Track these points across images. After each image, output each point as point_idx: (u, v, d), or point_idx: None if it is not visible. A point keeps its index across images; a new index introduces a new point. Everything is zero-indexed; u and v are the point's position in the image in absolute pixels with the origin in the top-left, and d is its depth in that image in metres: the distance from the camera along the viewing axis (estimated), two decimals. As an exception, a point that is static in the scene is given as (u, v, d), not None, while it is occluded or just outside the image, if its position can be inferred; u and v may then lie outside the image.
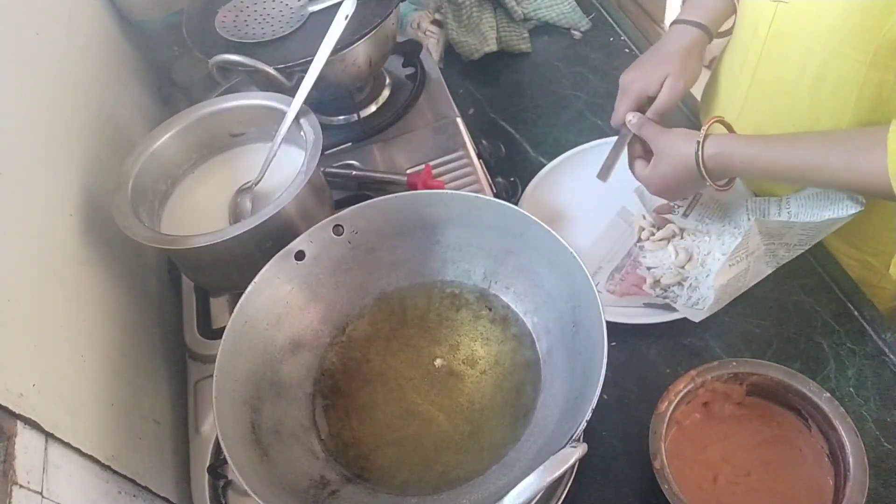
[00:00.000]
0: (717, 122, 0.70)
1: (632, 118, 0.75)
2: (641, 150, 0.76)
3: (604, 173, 0.78)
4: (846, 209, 0.68)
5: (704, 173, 0.67)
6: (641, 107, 0.76)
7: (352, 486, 0.59)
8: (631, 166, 0.76)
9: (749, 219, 0.74)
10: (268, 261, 0.64)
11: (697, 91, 0.99)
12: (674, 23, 0.82)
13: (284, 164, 0.76)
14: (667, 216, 0.80)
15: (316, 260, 0.67)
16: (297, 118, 0.74)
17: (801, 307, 0.73)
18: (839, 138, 0.64)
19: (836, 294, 0.73)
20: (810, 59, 0.67)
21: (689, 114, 0.95)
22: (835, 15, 0.63)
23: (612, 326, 0.55)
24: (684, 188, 0.73)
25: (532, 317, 0.66)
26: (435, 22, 1.10)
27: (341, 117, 0.97)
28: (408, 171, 0.87)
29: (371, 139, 0.94)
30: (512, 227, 0.65)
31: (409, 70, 1.01)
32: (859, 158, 0.60)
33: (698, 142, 0.67)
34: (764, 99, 0.76)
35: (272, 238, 0.67)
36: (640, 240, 0.81)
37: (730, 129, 0.72)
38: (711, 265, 0.74)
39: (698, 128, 0.69)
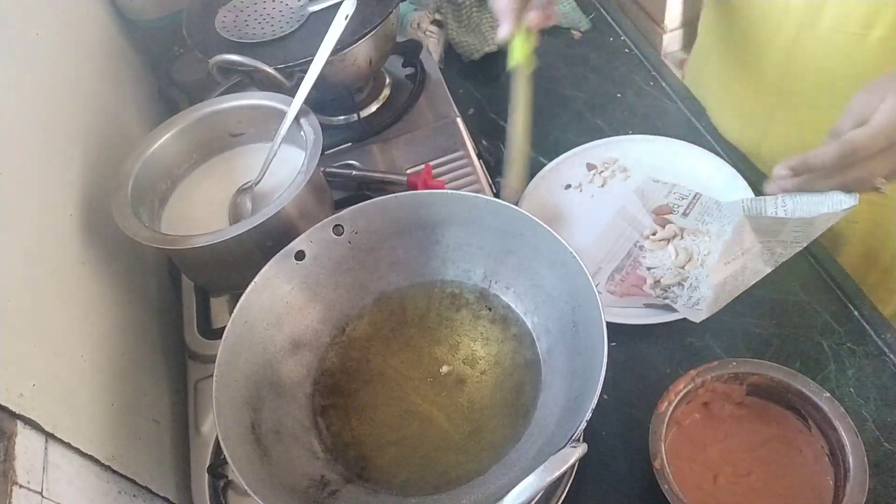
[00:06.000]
0: None
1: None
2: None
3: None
4: (840, 204, 0.68)
5: None
6: None
7: (352, 486, 0.59)
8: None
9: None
10: (268, 261, 0.64)
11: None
12: None
13: (284, 164, 0.76)
14: (667, 216, 0.80)
15: (316, 260, 0.67)
16: (297, 118, 0.74)
17: (801, 307, 0.73)
18: None
19: (836, 294, 0.73)
20: (885, 9, 0.63)
21: (688, 113, 0.95)
22: None
23: (612, 326, 0.55)
24: None
25: (532, 317, 0.66)
26: (435, 22, 1.10)
27: (341, 117, 0.97)
28: (408, 171, 0.87)
29: (371, 139, 0.94)
30: (512, 227, 0.65)
31: (409, 70, 1.01)
32: None
33: None
34: (809, 75, 0.70)
35: (272, 238, 0.67)
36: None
37: None
38: (711, 265, 0.74)
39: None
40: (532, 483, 0.47)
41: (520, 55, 0.69)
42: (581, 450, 0.48)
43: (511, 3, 0.66)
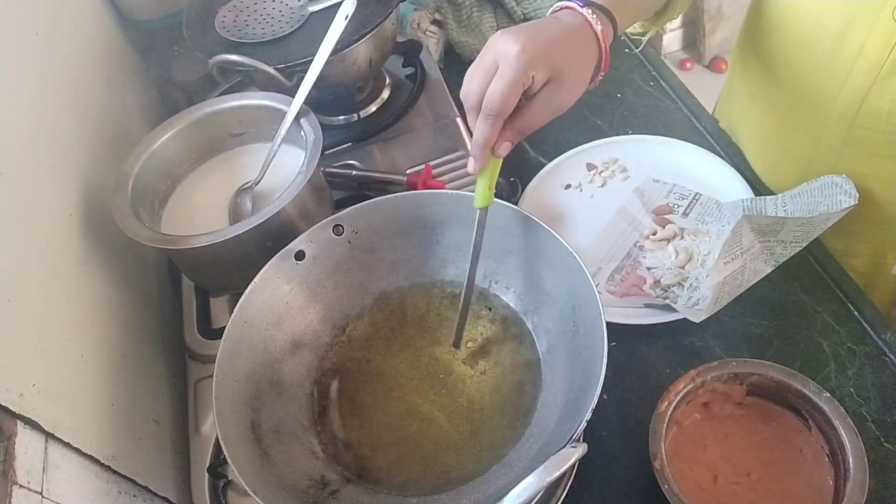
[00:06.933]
0: None
1: None
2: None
3: None
4: (839, 204, 0.68)
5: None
6: None
7: (352, 486, 0.59)
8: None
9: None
10: (268, 261, 0.64)
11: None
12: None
13: (284, 164, 0.76)
14: (667, 216, 0.80)
15: (316, 260, 0.67)
16: (297, 118, 0.74)
17: (801, 307, 0.73)
18: None
19: (836, 294, 0.73)
20: None
21: (688, 113, 0.95)
22: None
23: (612, 326, 0.55)
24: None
25: (532, 317, 0.66)
26: (435, 22, 1.10)
27: (341, 117, 0.97)
28: (408, 171, 0.87)
29: (371, 139, 0.94)
30: (512, 227, 0.65)
31: (409, 70, 1.01)
32: None
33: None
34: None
35: (272, 238, 0.67)
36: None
37: None
38: (711, 265, 0.74)
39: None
40: (532, 483, 0.47)
41: (485, 197, 0.62)
42: (581, 450, 0.48)
43: (490, 140, 0.58)
